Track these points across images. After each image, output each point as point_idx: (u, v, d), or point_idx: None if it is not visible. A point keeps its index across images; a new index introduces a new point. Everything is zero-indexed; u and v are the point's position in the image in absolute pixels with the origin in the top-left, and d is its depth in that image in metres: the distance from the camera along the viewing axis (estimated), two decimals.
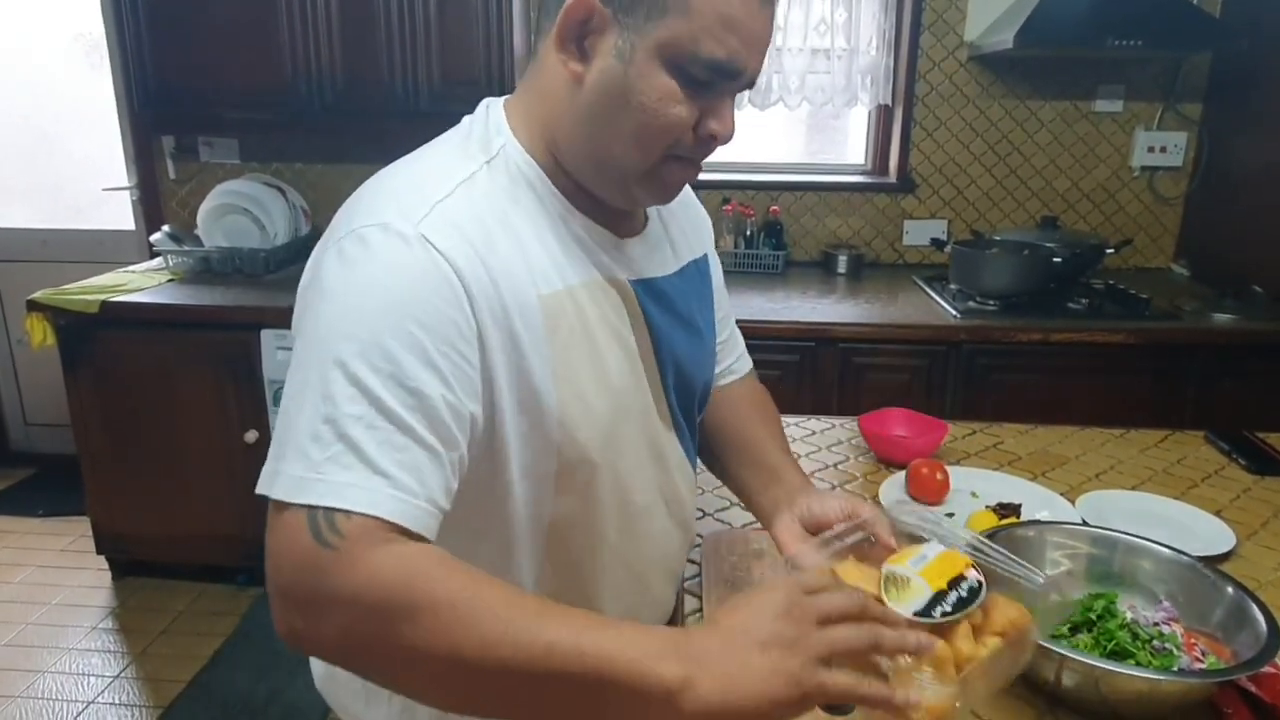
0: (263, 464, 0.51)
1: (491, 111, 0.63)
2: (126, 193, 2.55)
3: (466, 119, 0.65)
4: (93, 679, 1.83)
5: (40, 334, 1.94)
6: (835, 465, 1.12)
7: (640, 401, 0.64)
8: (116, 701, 1.76)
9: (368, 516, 0.47)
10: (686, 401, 0.70)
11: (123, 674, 1.85)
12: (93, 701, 1.76)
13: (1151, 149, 2.23)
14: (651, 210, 0.68)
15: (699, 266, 0.73)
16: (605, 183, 0.60)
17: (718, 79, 0.56)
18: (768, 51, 0.59)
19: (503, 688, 0.46)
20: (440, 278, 0.52)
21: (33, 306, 1.93)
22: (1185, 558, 0.75)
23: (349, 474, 0.47)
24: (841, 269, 2.27)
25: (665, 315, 0.65)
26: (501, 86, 2.00)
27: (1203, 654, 0.68)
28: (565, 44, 0.56)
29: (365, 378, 0.49)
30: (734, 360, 0.85)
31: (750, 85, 0.59)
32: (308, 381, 0.50)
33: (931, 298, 2.01)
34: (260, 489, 0.50)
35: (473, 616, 0.45)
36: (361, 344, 0.49)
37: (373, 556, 0.46)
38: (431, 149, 0.64)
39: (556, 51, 0.57)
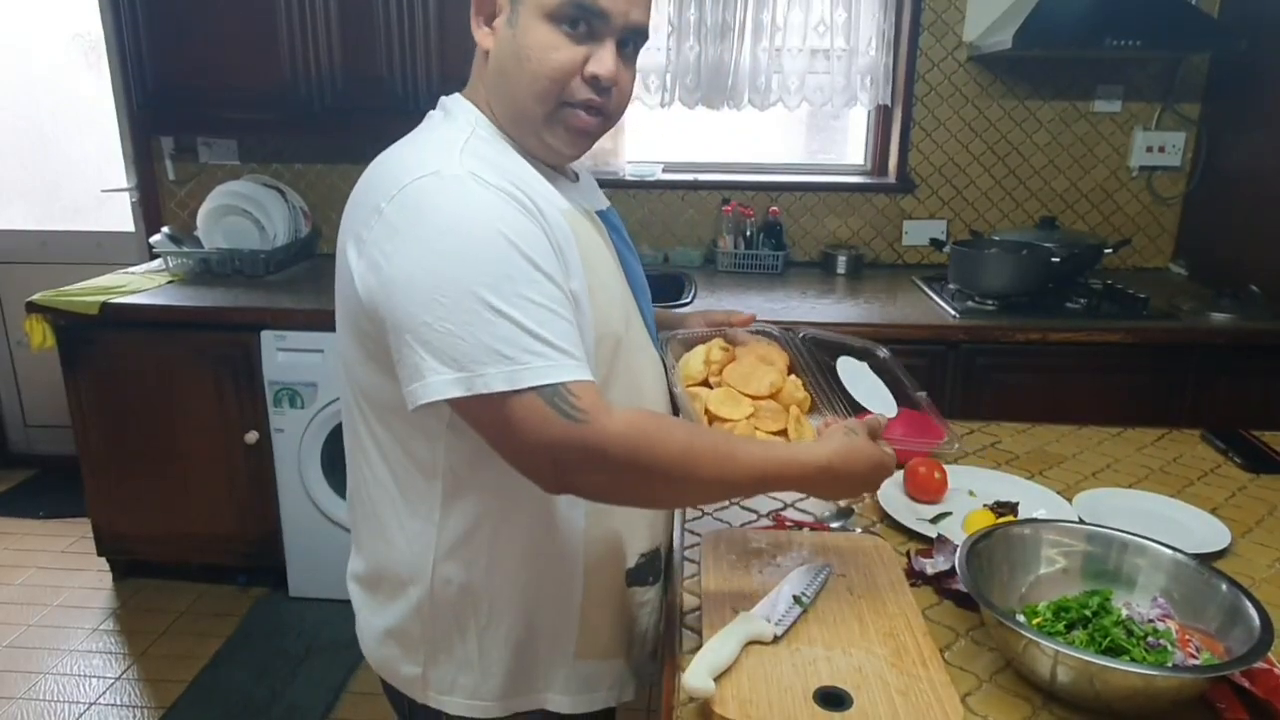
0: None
1: (455, 103, 0.76)
2: (126, 194, 2.55)
3: (434, 114, 0.76)
4: (94, 680, 1.83)
5: (40, 335, 1.94)
6: None
7: (627, 295, 0.79)
8: (118, 703, 1.77)
9: (579, 382, 0.62)
10: (645, 305, 0.84)
11: (124, 675, 1.86)
12: (94, 703, 1.76)
13: (1150, 149, 2.23)
14: (572, 168, 0.81)
15: (612, 213, 0.86)
16: (525, 136, 0.72)
17: (587, 18, 0.67)
18: (651, 7, 0.71)
19: (720, 492, 0.71)
20: (505, 198, 0.64)
21: (32, 308, 1.93)
22: (1180, 555, 0.76)
23: (543, 359, 0.61)
24: (841, 269, 2.28)
25: (619, 241, 0.81)
26: None
27: (1197, 650, 0.68)
28: (479, 26, 0.71)
29: (496, 299, 0.60)
30: None
31: (635, 35, 0.70)
32: (460, 306, 0.60)
33: (930, 298, 2.01)
34: (457, 391, 0.60)
35: (697, 459, 0.65)
36: (494, 271, 0.61)
37: (610, 423, 0.62)
38: (415, 136, 0.74)
39: (473, 30, 0.71)
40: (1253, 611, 0.67)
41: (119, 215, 2.59)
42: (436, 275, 0.61)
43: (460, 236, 0.61)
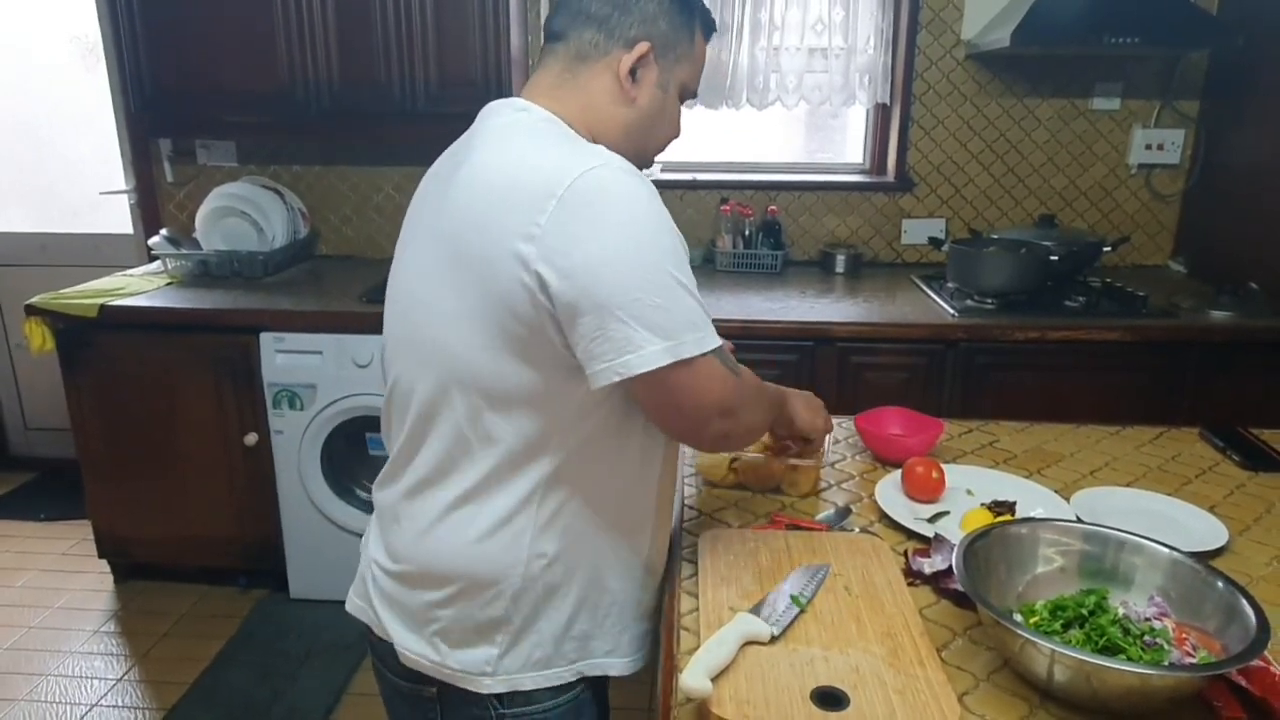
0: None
1: (534, 109, 0.79)
2: (124, 196, 2.55)
3: (516, 115, 0.79)
4: (95, 682, 1.84)
5: (39, 339, 1.94)
6: (833, 464, 1.13)
7: None
8: (119, 704, 1.77)
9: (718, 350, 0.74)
10: None
11: (125, 677, 1.86)
12: (95, 705, 1.77)
13: (1149, 146, 2.23)
14: None
15: None
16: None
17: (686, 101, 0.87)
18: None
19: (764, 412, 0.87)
20: (654, 189, 0.73)
21: (31, 311, 1.94)
22: (1176, 553, 0.76)
23: (708, 328, 0.72)
24: (840, 268, 2.28)
25: None
26: (499, 87, 2.00)
27: (1194, 648, 0.68)
28: (626, 74, 0.79)
29: (681, 276, 0.71)
30: None
31: None
32: (661, 283, 0.69)
33: (929, 296, 2.01)
34: (659, 362, 0.69)
35: (760, 391, 0.85)
36: (672, 251, 0.71)
37: (736, 378, 0.77)
38: (528, 135, 0.77)
39: (622, 79, 0.79)
40: (1249, 610, 0.67)
41: (117, 218, 2.59)
42: (640, 255, 0.68)
43: (647, 221, 0.70)
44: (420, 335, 0.76)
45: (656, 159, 0.89)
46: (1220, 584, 0.71)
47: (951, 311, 1.87)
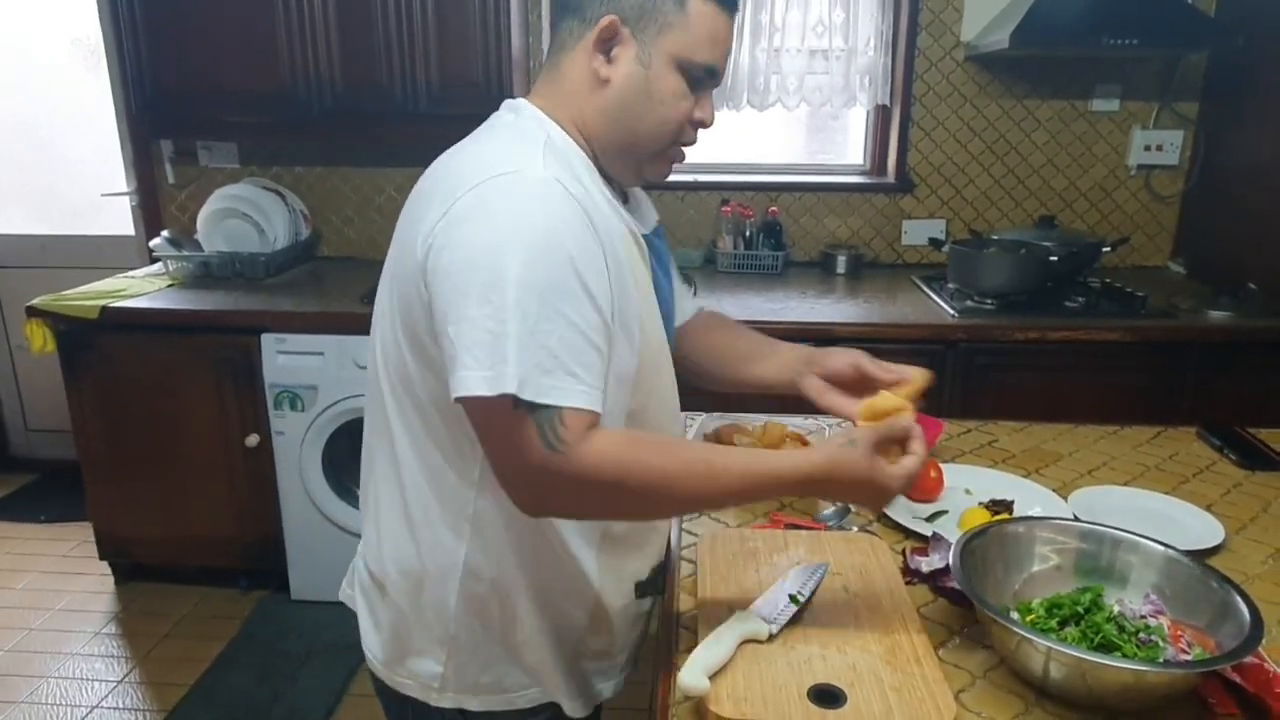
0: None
1: (524, 108, 0.76)
2: (126, 198, 2.56)
3: (504, 116, 0.76)
4: (96, 684, 1.84)
5: (40, 340, 1.95)
6: None
7: (661, 322, 0.80)
8: (120, 706, 1.77)
9: (576, 410, 0.62)
10: (670, 332, 0.84)
11: (126, 678, 1.86)
12: (96, 706, 1.77)
13: (1148, 148, 2.23)
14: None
15: (659, 233, 0.87)
16: (625, 162, 0.76)
17: (707, 79, 0.74)
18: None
19: (702, 504, 0.76)
20: (580, 212, 0.66)
21: (32, 312, 1.94)
22: (1172, 551, 0.76)
23: (548, 378, 0.62)
24: (841, 269, 2.28)
25: (656, 265, 0.81)
26: (500, 88, 2.01)
27: (1189, 645, 0.69)
28: (595, 54, 0.72)
29: (558, 307, 0.62)
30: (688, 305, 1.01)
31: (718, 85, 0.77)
32: (504, 305, 0.61)
33: (930, 297, 2.01)
34: (476, 390, 0.61)
35: (673, 480, 0.66)
36: (553, 279, 0.62)
37: (587, 453, 0.63)
38: (490, 135, 0.75)
39: (589, 60, 0.72)
40: (1243, 607, 0.67)
41: (119, 219, 2.60)
42: (495, 271, 0.62)
43: (524, 238, 0.63)
44: (374, 331, 0.77)
45: (686, 150, 0.77)
46: (1214, 582, 0.71)
47: (952, 312, 1.87)
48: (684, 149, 0.77)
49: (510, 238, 0.63)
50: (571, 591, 0.78)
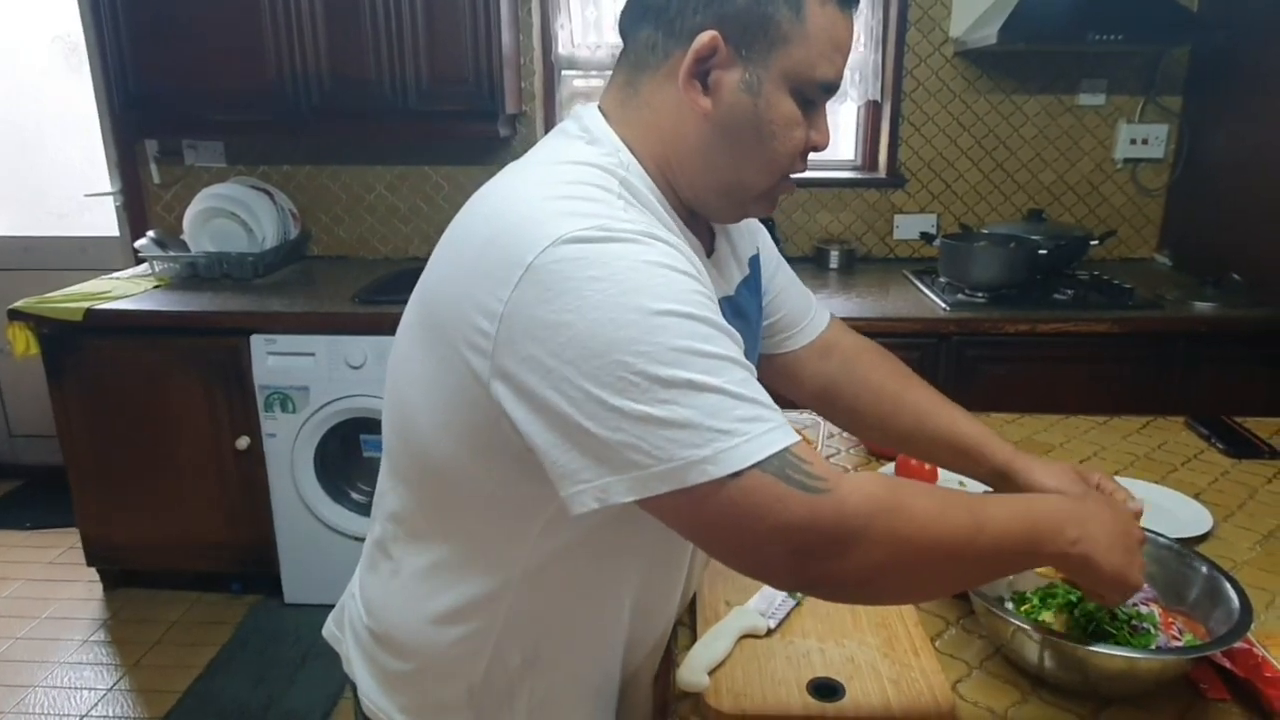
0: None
1: (593, 121, 0.62)
2: (110, 198, 2.52)
3: (569, 124, 0.63)
4: (85, 692, 1.81)
5: (23, 344, 1.92)
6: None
7: None
8: (110, 714, 1.75)
9: (802, 444, 0.51)
10: None
11: (116, 686, 1.84)
12: (86, 715, 1.74)
13: (1134, 141, 2.25)
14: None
15: (753, 263, 0.77)
16: (726, 205, 0.63)
17: (825, 97, 0.60)
18: None
19: (975, 565, 0.58)
20: (679, 258, 0.54)
21: (15, 315, 1.91)
22: (1162, 539, 0.77)
23: (759, 424, 0.49)
24: (834, 264, 2.29)
25: (736, 320, 0.67)
26: (491, 84, 1.99)
27: (1180, 632, 0.70)
28: (691, 80, 0.57)
29: (701, 346, 0.50)
30: (815, 312, 0.90)
31: None
32: (646, 384, 0.48)
33: (921, 291, 2.02)
34: (700, 479, 0.48)
35: (950, 522, 0.54)
36: (666, 326, 0.49)
37: (847, 488, 0.51)
38: (552, 157, 0.61)
39: (682, 89, 0.58)
40: (1232, 593, 0.68)
41: (103, 220, 2.56)
42: (616, 352, 0.48)
43: (630, 296, 0.49)
44: (393, 381, 0.63)
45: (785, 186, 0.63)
46: (1204, 569, 0.72)
47: (943, 305, 1.88)
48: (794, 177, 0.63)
49: (620, 306, 0.49)
50: (604, 662, 0.69)
